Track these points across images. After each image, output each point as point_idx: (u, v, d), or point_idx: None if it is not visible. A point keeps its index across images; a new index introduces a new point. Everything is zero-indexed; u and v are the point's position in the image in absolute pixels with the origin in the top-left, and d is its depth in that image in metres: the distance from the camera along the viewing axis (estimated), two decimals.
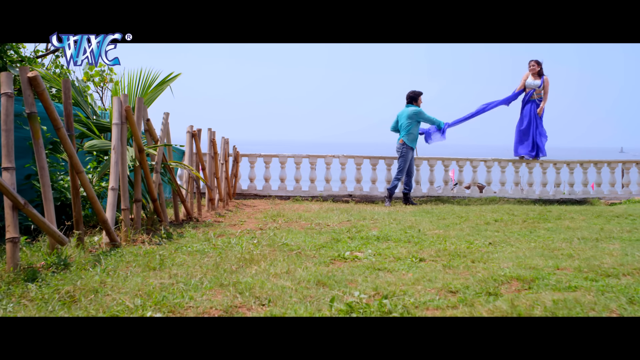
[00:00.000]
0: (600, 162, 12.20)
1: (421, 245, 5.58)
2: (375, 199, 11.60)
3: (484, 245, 5.55)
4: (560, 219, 7.38)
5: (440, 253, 5.15)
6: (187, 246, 5.43)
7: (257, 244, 5.48)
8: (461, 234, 6.27)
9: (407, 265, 4.64)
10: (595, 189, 12.16)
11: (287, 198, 11.61)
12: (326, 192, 11.70)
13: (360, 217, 7.95)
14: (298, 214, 8.22)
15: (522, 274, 4.16)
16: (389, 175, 11.81)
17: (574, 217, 7.39)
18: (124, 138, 5.96)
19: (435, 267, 4.60)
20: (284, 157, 11.85)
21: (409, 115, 11.06)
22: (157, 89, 7.27)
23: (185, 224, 7.25)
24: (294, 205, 10.22)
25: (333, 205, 10.19)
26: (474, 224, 7.05)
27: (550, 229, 6.49)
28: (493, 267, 4.44)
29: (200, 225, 7.03)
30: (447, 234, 6.28)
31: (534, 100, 11.74)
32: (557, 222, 7.05)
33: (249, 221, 7.67)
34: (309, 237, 6.04)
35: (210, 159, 9.27)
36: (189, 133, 8.27)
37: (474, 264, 4.66)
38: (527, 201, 11.66)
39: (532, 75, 11.77)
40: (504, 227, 6.72)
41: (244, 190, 11.76)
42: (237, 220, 7.76)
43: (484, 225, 6.89)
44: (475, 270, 4.40)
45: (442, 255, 5.07)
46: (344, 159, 11.80)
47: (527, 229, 6.61)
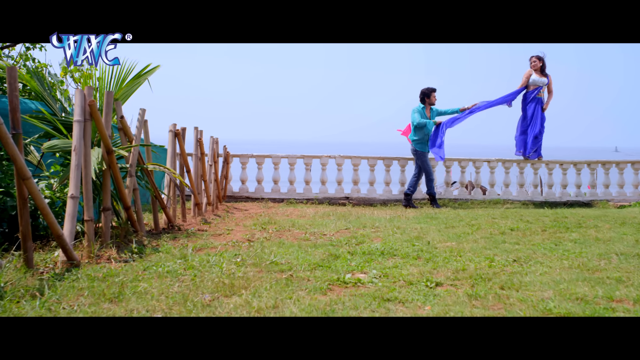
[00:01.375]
0: (609, 162, 11.23)
1: (434, 262, 4.59)
2: (374, 201, 10.61)
3: (508, 263, 4.56)
4: (581, 227, 6.40)
5: (459, 275, 4.16)
6: (158, 265, 4.42)
7: (240, 262, 4.47)
8: (476, 247, 5.28)
9: (422, 294, 3.64)
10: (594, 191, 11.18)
11: (281, 201, 10.60)
12: (322, 195, 10.69)
13: (359, 224, 6.95)
14: (291, 221, 7.22)
15: (571, 309, 3.18)
16: (387, 177, 10.81)
17: (597, 226, 6.40)
18: (87, 137, 4.93)
19: (457, 296, 3.60)
20: (277, 158, 10.83)
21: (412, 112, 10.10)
22: (133, 83, 6.25)
23: (165, 233, 6.24)
24: (288, 209, 9.21)
25: (329, 209, 9.19)
26: (488, 233, 6.06)
27: (577, 241, 5.50)
28: (531, 298, 3.46)
29: (181, 236, 6.01)
30: (460, 247, 5.29)
31: (540, 98, 10.76)
32: (581, 232, 6.07)
33: (237, 230, 6.65)
34: (303, 251, 5.03)
35: (197, 160, 8.26)
36: (171, 132, 7.25)
37: (505, 291, 3.67)
38: (532, 204, 10.70)
39: (536, 72, 10.78)
40: (523, 238, 5.73)
41: (235, 193, 10.74)
42: (224, 228, 6.74)
43: (500, 236, 5.90)
44: (509, 302, 3.41)
45: (462, 277, 4.07)
46: (340, 160, 10.80)
47: (550, 240, 5.62)
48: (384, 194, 10.73)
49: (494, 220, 7.00)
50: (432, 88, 10.16)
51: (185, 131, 7.79)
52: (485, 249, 5.15)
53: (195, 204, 7.98)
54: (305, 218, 7.82)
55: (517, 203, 10.67)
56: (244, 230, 6.63)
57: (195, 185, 8.03)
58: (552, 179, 11.12)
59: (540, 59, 10.75)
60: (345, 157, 10.84)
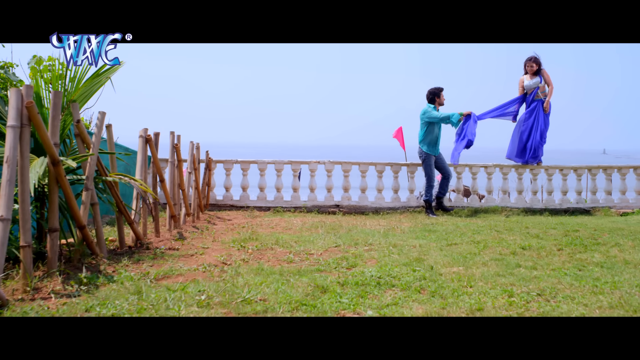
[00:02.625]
0: (610, 167, 10.38)
1: (442, 297, 3.67)
2: (365, 209, 9.68)
3: (532, 298, 3.64)
4: (600, 244, 5.51)
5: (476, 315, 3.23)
6: (104, 304, 3.46)
7: (205, 302, 3.51)
8: (488, 273, 4.36)
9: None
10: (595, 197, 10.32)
11: (267, 209, 9.65)
12: (311, 202, 9.75)
13: (351, 239, 6.02)
14: (275, 236, 6.26)
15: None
16: (379, 184, 9.88)
17: (619, 244, 5.50)
18: (25, 146, 3.96)
19: None
20: (264, 164, 9.87)
21: (420, 117, 9.21)
22: (92, 83, 5.28)
23: (130, 253, 5.28)
24: (274, 219, 8.26)
25: (318, 219, 8.25)
26: (497, 253, 5.15)
27: (603, 265, 4.59)
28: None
29: (146, 257, 5.05)
30: (469, 273, 4.37)
31: (540, 99, 9.88)
32: (603, 252, 5.17)
33: (213, 248, 5.70)
34: (284, 282, 4.08)
35: (173, 167, 7.29)
36: (142, 137, 6.27)
37: None
38: (531, 211, 9.82)
39: (530, 75, 9.90)
40: (540, 261, 4.82)
41: (219, 201, 9.77)
42: (199, 246, 5.78)
43: (512, 257, 4.99)
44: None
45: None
46: (330, 165, 9.85)
47: (571, 263, 4.71)
48: (376, 202, 9.80)
49: (500, 235, 6.09)
50: (440, 87, 9.33)
51: (159, 136, 6.83)
52: (498, 276, 4.23)
53: (171, 216, 7.01)
54: (291, 231, 6.88)
55: (516, 210, 9.79)
56: (220, 248, 5.67)
57: (171, 196, 7.06)
58: (551, 184, 10.24)
59: (537, 62, 9.88)
60: (335, 162, 9.90)
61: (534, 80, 9.81)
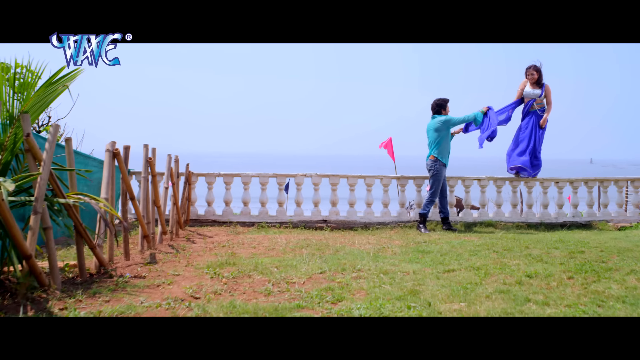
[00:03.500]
0: (607, 180, 9.79)
1: None
2: (354, 225, 9.01)
3: None
4: (611, 270, 4.87)
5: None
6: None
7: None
8: (494, 310, 3.70)
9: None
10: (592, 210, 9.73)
11: (251, 225, 8.96)
12: (297, 217, 9.07)
13: (338, 264, 5.34)
14: (255, 260, 5.57)
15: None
16: (369, 197, 9.22)
17: (635, 270, 4.85)
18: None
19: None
20: (247, 177, 9.18)
21: (436, 128, 8.60)
22: (46, 91, 4.58)
23: (90, 282, 4.57)
24: (257, 237, 7.57)
25: (304, 237, 7.58)
26: (501, 282, 4.49)
27: (625, 300, 3.93)
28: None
29: (106, 289, 4.33)
30: (472, 310, 3.70)
31: (535, 111, 9.30)
32: (619, 279, 4.52)
33: (185, 275, 4.99)
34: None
35: (146, 183, 6.58)
36: (108, 152, 5.58)
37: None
38: (526, 225, 9.20)
39: (531, 84, 9.33)
40: (551, 293, 4.16)
41: (200, 216, 9.06)
42: (170, 273, 5.07)
43: (518, 287, 4.33)
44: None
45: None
46: (317, 179, 9.18)
47: (587, 297, 4.05)
48: (366, 217, 9.14)
49: (501, 259, 5.44)
50: (447, 99, 8.77)
51: (129, 150, 6.13)
52: (507, 315, 3.57)
53: (143, 237, 6.30)
54: (273, 252, 6.19)
55: (510, 224, 9.18)
56: (192, 275, 4.97)
57: (144, 214, 6.36)
58: (547, 198, 9.64)
59: (537, 71, 9.30)
60: (323, 175, 9.23)
61: (535, 91, 9.23)
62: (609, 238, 7.40)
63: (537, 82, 9.28)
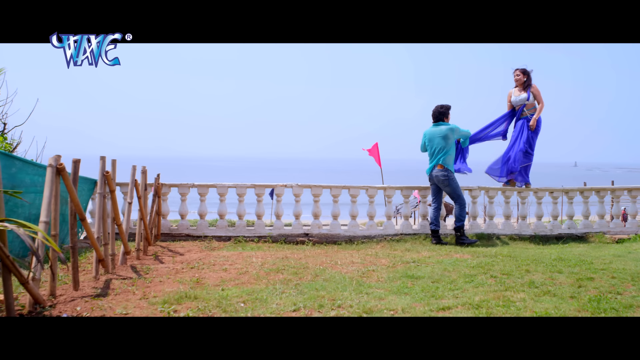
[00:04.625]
0: (603, 189, 9.05)
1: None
2: (338, 239, 8.18)
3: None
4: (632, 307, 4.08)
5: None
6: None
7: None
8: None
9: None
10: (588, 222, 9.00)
11: (228, 239, 8.10)
12: (276, 231, 8.22)
13: (315, 296, 4.49)
14: (221, 293, 4.70)
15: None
16: (354, 209, 8.39)
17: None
18: None
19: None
20: (224, 188, 8.31)
21: (445, 135, 7.89)
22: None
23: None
24: (231, 256, 6.73)
25: (282, 255, 6.76)
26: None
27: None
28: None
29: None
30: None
31: (526, 117, 8.55)
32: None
33: (133, 313, 4.13)
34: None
35: (102, 200, 5.68)
36: (51, 167, 4.68)
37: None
38: (519, 238, 8.44)
39: (518, 89, 8.57)
40: None
41: (173, 230, 8.18)
42: (117, 311, 4.20)
43: None
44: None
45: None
46: (298, 190, 8.34)
47: None
48: (350, 230, 8.32)
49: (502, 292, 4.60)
50: (449, 105, 8.04)
51: (79, 164, 5.24)
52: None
53: (98, 261, 5.42)
54: (245, 278, 5.33)
55: (504, 237, 8.41)
56: (143, 313, 4.10)
57: (97, 236, 5.48)
58: (541, 208, 8.87)
59: (525, 73, 8.55)
60: (304, 186, 8.39)
61: (521, 97, 8.48)
62: (611, 255, 6.65)
63: (524, 85, 8.52)
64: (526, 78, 8.53)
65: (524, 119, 8.53)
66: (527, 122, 8.49)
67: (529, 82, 8.53)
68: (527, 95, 8.46)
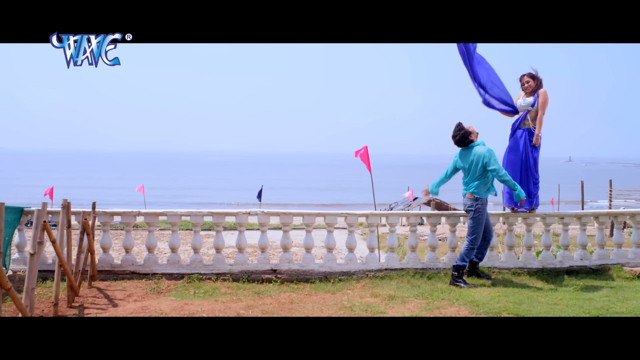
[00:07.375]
0: (622, 214, 7.44)
1: None
2: (311, 275, 6.58)
3: None
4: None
5: None
6: None
7: None
8: None
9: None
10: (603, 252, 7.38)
11: (180, 277, 6.49)
12: (238, 267, 6.60)
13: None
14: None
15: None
16: (330, 241, 6.78)
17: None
18: None
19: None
20: (176, 216, 6.67)
21: (485, 160, 6.25)
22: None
23: None
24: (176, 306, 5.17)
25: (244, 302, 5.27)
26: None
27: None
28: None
29: None
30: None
31: (528, 129, 6.91)
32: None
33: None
34: None
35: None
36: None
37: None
38: (525, 272, 6.85)
39: (526, 94, 6.95)
40: None
41: (116, 267, 6.57)
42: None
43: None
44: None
45: None
46: (264, 218, 6.71)
47: None
48: (326, 264, 6.70)
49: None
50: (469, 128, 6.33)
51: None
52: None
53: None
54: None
55: (506, 272, 6.82)
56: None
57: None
58: (549, 236, 7.26)
59: (534, 77, 6.92)
60: (271, 213, 6.76)
61: (526, 101, 6.86)
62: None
63: (532, 91, 6.91)
64: (536, 83, 6.90)
65: (524, 130, 6.90)
66: (528, 135, 6.87)
67: (540, 86, 6.90)
68: (534, 100, 6.83)
